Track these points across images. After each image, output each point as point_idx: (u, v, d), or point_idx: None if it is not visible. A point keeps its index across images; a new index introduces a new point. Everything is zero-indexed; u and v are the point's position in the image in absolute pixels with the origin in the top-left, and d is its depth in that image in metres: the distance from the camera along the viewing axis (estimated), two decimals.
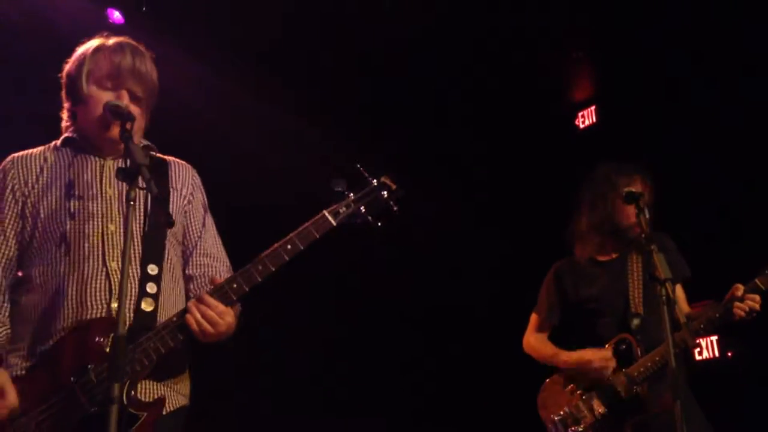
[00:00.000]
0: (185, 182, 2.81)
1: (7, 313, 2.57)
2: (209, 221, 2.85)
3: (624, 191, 3.51)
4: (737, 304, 3.50)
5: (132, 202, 2.21)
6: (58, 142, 2.74)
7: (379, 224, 2.66)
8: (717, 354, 4.95)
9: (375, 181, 2.68)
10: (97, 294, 2.49)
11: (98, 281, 2.51)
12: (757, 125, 4.78)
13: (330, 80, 5.78)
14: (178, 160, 2.86)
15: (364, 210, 2.65)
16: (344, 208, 2.63)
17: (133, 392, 2.39)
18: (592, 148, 5.81)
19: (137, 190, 2.26)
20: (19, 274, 2.60)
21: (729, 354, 4.95)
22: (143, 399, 2.47)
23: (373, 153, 5.77)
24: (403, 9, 5.35)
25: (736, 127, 4.87)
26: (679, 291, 3.80)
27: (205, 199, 2.88)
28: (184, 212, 2.76)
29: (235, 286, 2.48)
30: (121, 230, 2.56)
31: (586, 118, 6.08)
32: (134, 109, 2.59)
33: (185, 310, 2.46)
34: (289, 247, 2.54)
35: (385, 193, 2.67)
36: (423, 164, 6.07)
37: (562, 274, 4.00)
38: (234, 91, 5.54)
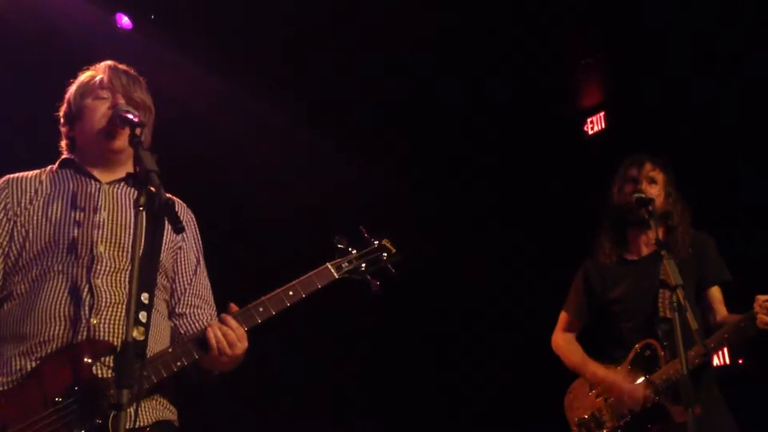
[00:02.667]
0: (182, 219, 2.73)
1: None
2: (202, 263, 2.84)
3: (635, 197, 3.50)
4: (761, 316, 3.32)
5: (141, 208, 2.18)
6: (55, 165, 2.73)
7: (378, 284, 2.78)
8: (728, 361, 4.92)
9: (376, 242, 2.83)
10: (79, 309, 2.45)
11: (81, 296, 2.47)
12: None
13: (339, 84, 5.78)
14: (174, 198, 2.77)
15: (364, 267, 2.78)
16: (346, 264, 2.75)
17: (118, 419, 2.28)
18: (601, 153, 5.80)
19: (142, 197, 2.20)
20: (4, 292, 2.55)
21: (740, 361, 4.92)
22: (128, 425, 2.37)
23: (382, 158, 5.85)
24: (413, 16, 5.34)
25: (746, 131, 4.85)
26: (717, 292, 3.68)
27: (200, 241, 2.86)
28: (179, 248, 2.74)
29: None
30: (112, 251, 2.54)
31: (595, 124, 6.06)
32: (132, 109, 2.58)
33: (203, 331, 2.49)
34: (291, 293, 2.63)
35: (385, 255, 2.82)
36: (431, 169, 6.08)
37: (590, 274, 3.91)
38: (238, 96, 5.54)
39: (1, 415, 2.32)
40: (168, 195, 2.70)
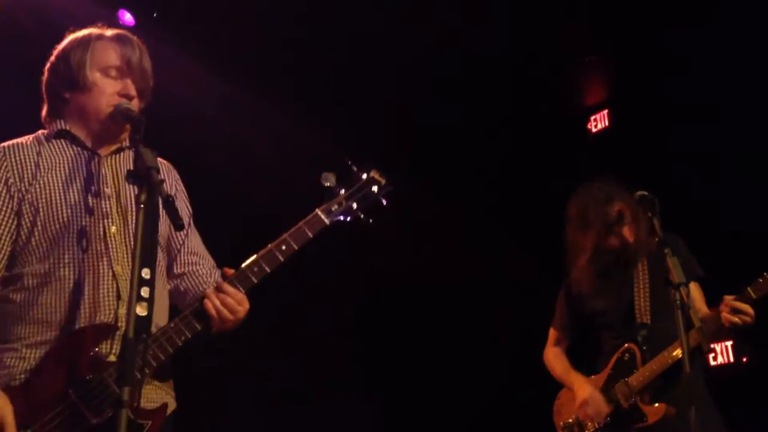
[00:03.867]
0: (168, 181, 2.73)
1: None
2: (191, 220, 2.81)
3: (637, 195, 3.49)
4: (725, 315, 3.44)
5: (142, 205, 2.15)
6: (49, 133, 2.62)
7: (370, 221, 2.66)
8: (732, 359, 4.91)
9: (365, 175, 2.67)
10: (107, 298, 2.43)
11: (106, 284, 2.45)
12: None
13: (343, 82, 5.78)
14: (160, 159, 2.71)
15: (355, 206, 2.64)
16: (336, 206, 2.62)
17: (136, 402, 2.29)
18: (605, 151, 5.80)
19: (144, 193, 2.18)
20: (13, 271, 2.48)
21: (744, 359, 4.92)
22: (147, 407, 2.41)
23: (385, 156, 5.83)
24: (419, 16, 5.34)
25: (750, 128, 4.83)
26: (696, 290, 3.75)
27: (187, 199, 2.82)
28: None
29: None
30: (123, 231, 2.51)
31: (599, 121, 6.06)
32: (135, 103, 2.58)
33: (202, 298, 2.45)
34: (283, 247, 2.53)
35: (375, 188, 2.67)
36: (433, 167, 6.07)
37: (570, 290, 4.01)
38: (239, 95, 5.54)
39: (20, 413, 2.30)
40: (159, 159, 2.65)
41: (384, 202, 2.67)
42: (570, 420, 3.86)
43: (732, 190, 4.89)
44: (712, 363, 4.93)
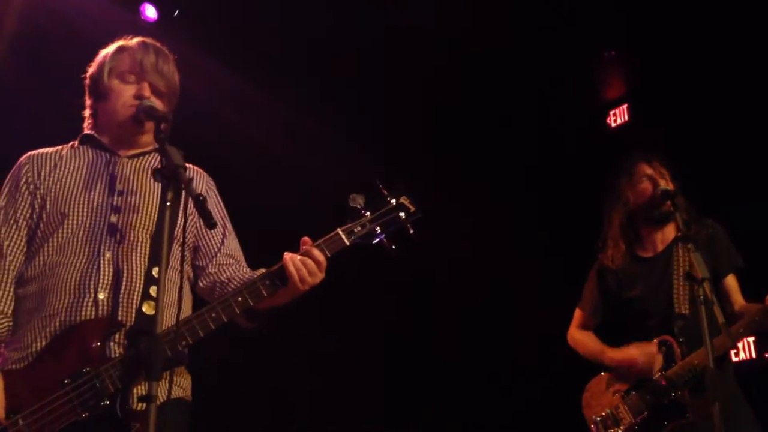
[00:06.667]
0: (200, 188, 2.78)
1: (11, 304, 2.55)
2: (229, 226, 2.83)
3: (660, 191, 3.48)
4: None
5: (168, 203, 2.19)
6: (76, 142, 2.75)
7: (394, 247, 2.61)
8: (754, 355, 4.88)
9: (393, 200, 2.62)
10: (87, 284, 2.47)
11: (90, 271, 2.48)
12: None
13: (359, 85, 5.79)
14: (192, 166, 2.82)
15: (379, 230, 2.59)
16: (359, 228, 2.58)
17: (126, 402, 2.35)
18: (624, 146, 5.76)
19: (169, 192, 2.22)
20: (28, 263, 2.58)
21: (766, 355, 4.88)
22: (135, 408, 2.39)
23: (407, 152, 5.85)
24: (439, 15, 5.34)
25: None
26: (732, 281, 3.68)
27: (222, 205, 2.86)
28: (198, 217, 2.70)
29: (240, 299, 2.48)
30: (124, 224, 2.55)
31: (618, 116, 6.03)
32: (158, 103, 2.60)
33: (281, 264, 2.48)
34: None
35: (403, 214, 2.61)
36: (453, 163, 6.07)
37: (604, 273, 3.91)
38: (262, 97, 5.56)
39: (14, 396, 2.35)
40: (189, 165, 2.74)
41: (411, 230, 2.63)
42: (603, 413, 3.72)
43: (752, 186, 4.85)
44: (735, 359, 4.89)
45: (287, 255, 2.49)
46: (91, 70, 2.74)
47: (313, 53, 5.62)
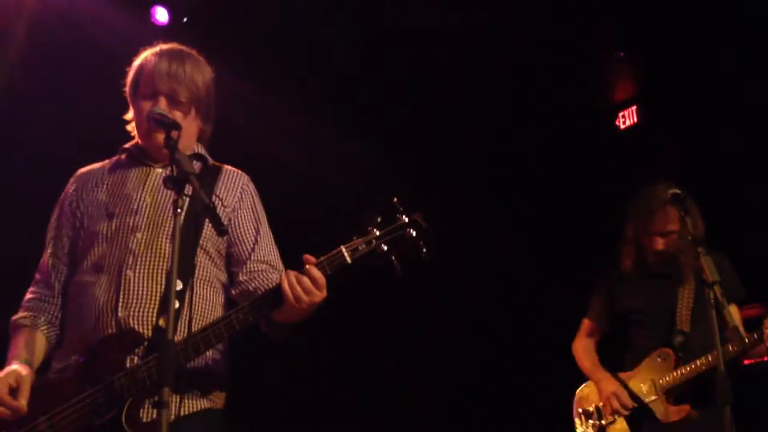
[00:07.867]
0: (233, 191, 2.73)
1: (59, 315, 2.65)
2: (264, 230, 2.76)
3: (669, 193, 3.48)
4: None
5: (180, 210, 2.18)
6: (123, 155, 2.78)
7: (401, 268, 2.45)
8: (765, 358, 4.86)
9: (405, 218, 2.46)
10: (109, 301, 2.50)
11: (111, 288, 2.52)
12: None
13: (371, 91, 5.80)
14: (232, 168, 2.80)
15: (386, 249, 2.44)
16: (364, 246, 2.43)
17: (135, 411, 2.38)
18: (633, 148, 5.77)
19: (184, 199, 2.22)
20: (69, 280, 2.68)
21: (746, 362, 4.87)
22: (144, 419, 2.40)
23: (415, 153, 5.85)
24: (442, 11, 5.34)
25: None
26: (735, 312, 3.76)
27: (258, 208, 2.79)
28: (228, 220, 2.66)
29: (240, 317, 2.45)
30: (148, 240, 2.56)
31: (627, 118, 6.02)
32: (176, 114, 2.58)
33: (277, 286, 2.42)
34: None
35: (414, 231, 2.44)
36: (460, 165, 6.07)
37: (611, 282, 4.00)
38: (275, 105, 5.56)
39: (40, 404, 2.43)
40: (226, 166, 2.78)
41: (423, 249, 2.46)
42: (590, 408, 3.95)
43: (762, 188, 4.84)
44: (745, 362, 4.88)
45: (283, 273, 2.42)
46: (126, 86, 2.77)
47: (313, 53, 5.63)
